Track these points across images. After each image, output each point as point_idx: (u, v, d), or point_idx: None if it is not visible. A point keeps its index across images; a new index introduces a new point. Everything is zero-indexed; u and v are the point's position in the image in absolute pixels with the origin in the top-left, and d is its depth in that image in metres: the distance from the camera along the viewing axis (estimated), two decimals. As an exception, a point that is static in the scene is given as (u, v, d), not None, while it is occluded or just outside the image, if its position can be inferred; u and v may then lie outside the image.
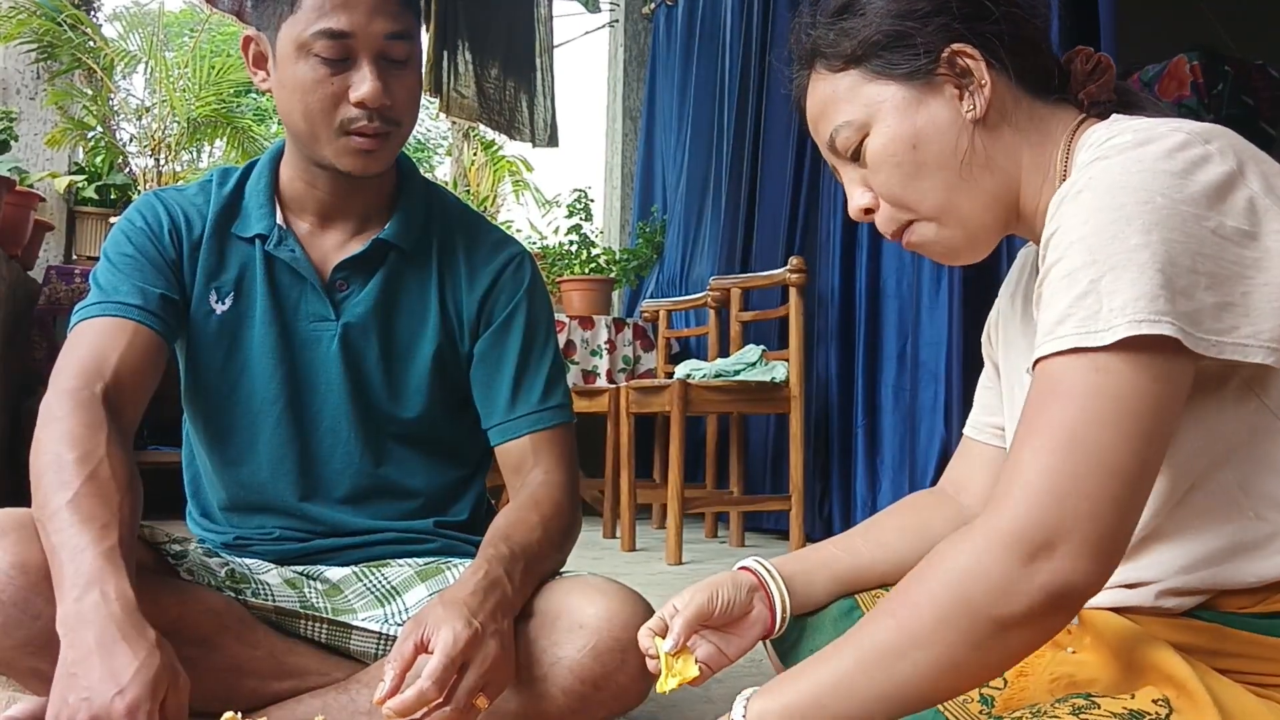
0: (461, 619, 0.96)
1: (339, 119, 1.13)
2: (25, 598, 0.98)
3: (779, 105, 4.04)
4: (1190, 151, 0.74)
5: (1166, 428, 0.71)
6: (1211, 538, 0.79)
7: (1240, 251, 0.72)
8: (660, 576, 2.79)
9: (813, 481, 3.48)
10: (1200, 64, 3.34)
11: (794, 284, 3.20)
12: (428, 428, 1.27)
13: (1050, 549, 0.68)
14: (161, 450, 3.78)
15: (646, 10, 5.44)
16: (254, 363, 1.22)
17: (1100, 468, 0.69)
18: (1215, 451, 0.78)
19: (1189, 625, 0.81)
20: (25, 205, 3.58)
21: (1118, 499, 0.69)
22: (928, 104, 0.88)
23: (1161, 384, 0.70)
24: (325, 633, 1.16)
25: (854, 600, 1.05)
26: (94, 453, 1.01)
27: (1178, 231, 0.70)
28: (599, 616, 1.06)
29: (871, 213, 0.94)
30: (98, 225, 4.15)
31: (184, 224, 1.22)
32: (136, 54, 4.25)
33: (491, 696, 0.98)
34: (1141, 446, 0.70)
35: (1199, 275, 0.70)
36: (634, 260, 4.83)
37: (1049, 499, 0.69)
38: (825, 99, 0.94)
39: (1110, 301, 0.70)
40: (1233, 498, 0.78)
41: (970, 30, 0.87)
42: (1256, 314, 0.72)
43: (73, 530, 0.95)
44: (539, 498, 1.20)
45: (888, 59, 0.89)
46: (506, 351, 1.26)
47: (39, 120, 4.12)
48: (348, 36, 1.11)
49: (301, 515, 1.24)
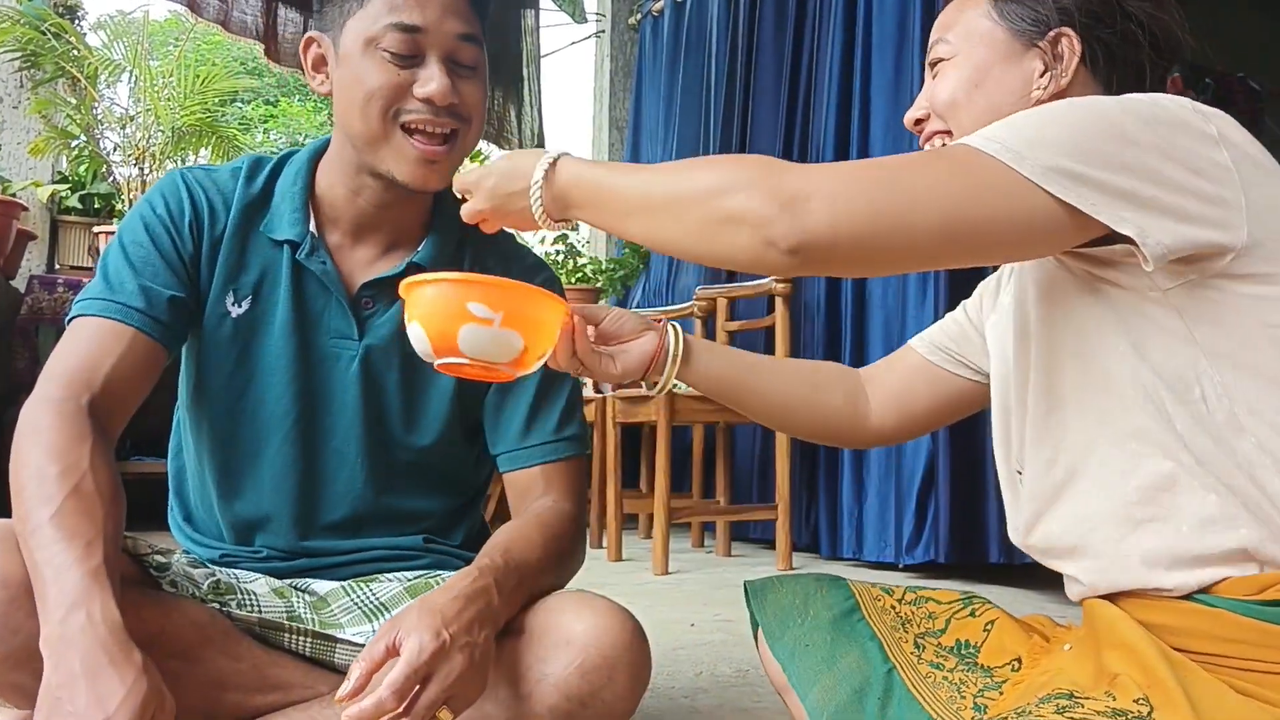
0: (430, 630, 0.94)
1: (403, 116, 1.11)
2: (6, 612, 0.97)
3: (765, 116, 4.06)
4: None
5: (986, 236, 0.80)
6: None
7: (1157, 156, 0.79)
8: (647, 587, 2.78)
9: (799, 491, 3.48)
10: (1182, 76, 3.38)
11: (780, 294, 3.21)
12: (436, 457, 1.25)
13: (804, 201, 0.79)
14: (145, 461, 3.76)
15: (633, 21, 5.46)
16: (267, 372, 1.19)
17: (896, 194, 0.79)
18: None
19: (1192, 609, 0.82)
20: (8, 214, 3.56)
21: (886, 216, 0.78)
22: (1015, 60, 0.97)
23: (1010, 204, 0.78)
24: (310, 646, 1.15)
25: (855, 601, 1.06)
26: (77, 465, 0.99)
27: (1112, 125, 0.79)
28: (586, 633, 1.04)
29: (920, 124, 1.03)
30: (81, 234, 4.13)
31: (207, 215, 1.18)
32: (121, 63, 4.22)
33: (456, 711, 0.95)
34: (950, 219, 0.79)
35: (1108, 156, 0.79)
36: (620, 270, 4.84)
37: (839, 181, 0.79)
38: (953, 13, 1.03)
39: (1031, 150, 0.79)
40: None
41: (1086, 26, 0.95)
42: (1155, 209, 0.79)
43: (56, 547, 0.93)
44: (545, 519, 1.17)
45: (1012, 8, 0.98)
46: (528, 379, 1.23)
47: (22, 129, 4.10)
48: (418, 31, 1.10)
49: (291, 536, 1.21)
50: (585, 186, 0.93)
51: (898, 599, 1.08)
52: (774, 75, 4.06)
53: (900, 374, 1.18)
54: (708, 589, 2.75)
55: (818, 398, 1.16)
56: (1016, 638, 1.00)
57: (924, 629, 1.04)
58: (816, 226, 0.78)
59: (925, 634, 1.04)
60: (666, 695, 1.61)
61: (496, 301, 0.94)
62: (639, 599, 2.51)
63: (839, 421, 1.17)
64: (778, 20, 4.08)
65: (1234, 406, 0.80)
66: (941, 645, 1.02)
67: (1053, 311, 0.91)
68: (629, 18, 5.52)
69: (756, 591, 1.13)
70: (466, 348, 0.95)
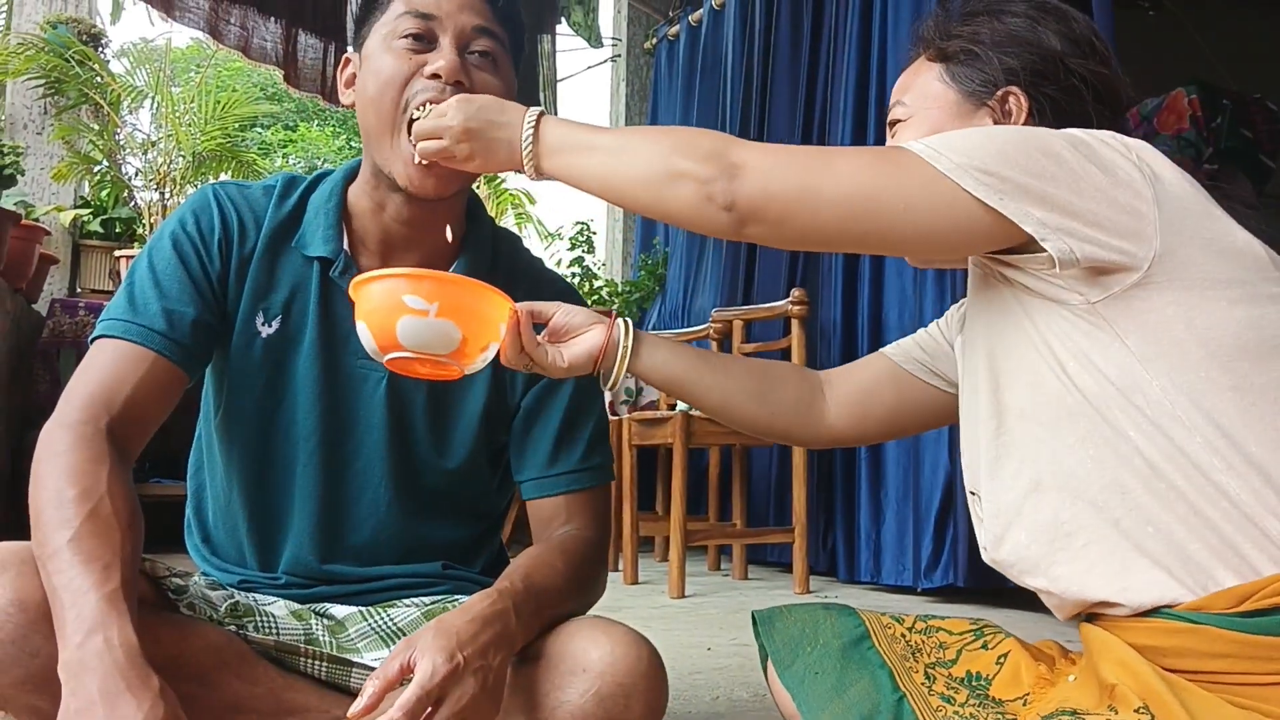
0: (444, 651, 0.94)
1: (410, 97, 1.10)
2: (24, 635, 0.97)
3: (780, 139, 4.07)
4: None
5: (899, 223, 0.88)
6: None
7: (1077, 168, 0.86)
8: (663, 610, 2.77)
9: (816, 514, 3.46)
10: (1199, 98, 3.37)
11: (796, 316, 3.20)
12: (460, 482, 1.24)
13: (742, 168, 0.90)
14: (163, 484, 3.77)
15: (648, 45, 5.50)
16: (297, 392, 1.18)
17: (820, 173, 0.89)
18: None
19: (1175, 628, 0.83)
20: (31, 239, 3.60)
21: (808, 190, 0.88)
22: (967, 119, 1.04)
23: (923, 195, 0.87)
24: (325, 670, 1.15)
25: (865, 629, 1.06)
26: (95, 489, 0.99)
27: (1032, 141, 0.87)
28: (603, 660, 1.03)
29: None
30: (102, 259, 4.17)
31: (237, 233, 1.17)
32: (143, 89, 4.28)
33: None
34: (864, 201, 0.88)
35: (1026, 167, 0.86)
36: (636, 292, 4.85)
37: (776, 156, 0.91)
38: (910, 77, 1.11)
39: (952, 152, 0.87)
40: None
41: (1032, 84, 1.02)
42: (1070, 210, 0.85)
43: (74, 571, 0.93)
44: (568, 547, 1.17)
45: (962, 70, 1.06)
46: (554, 406, 1.23)
47: (46, 155, 4.15)
48: (431, 18, 1.11)
49: (313, 559, 1.20)
50: (561, 131, 1.00)
51: (908, 628, 1.07)
52: (789, 98, 4.07)
53: (864, 378, 1.21)
54: (724, 613, 2.73)
55: (767, 394, 1.19)
56: (1029, 668, 1.00)
57: (935, 659, 1.04)
58: (748, 190, 0.90)
59: (936, 664, 1.03)
60: (683, 720, 1.60)
61: (430, 293, 0.97)
62: (655, 622, 2.50)
63: (788, 419, 1.19)
64: (793, 43, 4.09)
65: (1175, 408, 0.84)
66: (952, 676, 1.02)
67: (994, 329, 0.96)
68: (645, 42, 5.55)
69: (765, 621, 1.12)
70: (405, 339, 0.98)
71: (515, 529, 3.43)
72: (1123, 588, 0.85)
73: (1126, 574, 0.85)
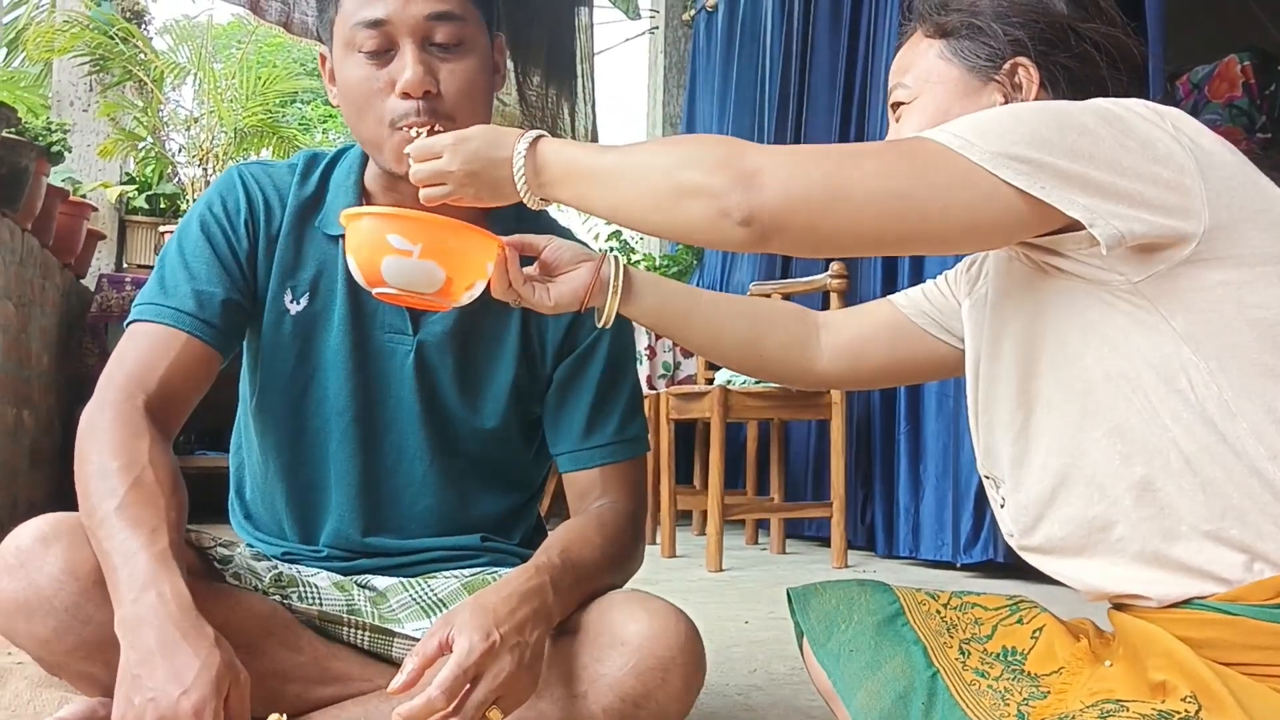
0: (481, 629, 0.95)
1: (389, 116, 1.08)
2: (76, 603, 1.00)
3: (820, 111, 4.02)
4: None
5: (935, 221, 0.82)
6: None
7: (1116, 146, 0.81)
8: (700, 584, 2.78)
9: (855, 488, 3.45)
10: (1252, 64, 3.28)
11: (835, 289, 3.18)
12: (496, 449, 1.25)
13: (758, 176, 0.82)
14: (208, 455, 3.84)
15: (686, 17, 5.45)
16: (327, 367, 1.20)
17: (846, 176, 0.81)
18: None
19: (1212, 620, 0.82)
20: (78, 215, 3.67)
21: (836, 196, 0.81)
22: (974, 96, 0.98)
23: (959, 190, 0.80)
24: (368, 639, 1.17)
25: (900, 605, 1.05)
26: (137, 460, 1.01)
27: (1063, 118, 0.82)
28: (641, 634, 1.03)
29: None
30: (148, 234, 4.23)
31: (263, 213, 1.18)
32: (186, 66, 4.33)
33: (507, 710, 0.96)
34: (897, 201, 0.81)
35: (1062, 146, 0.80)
36: (674, 266, 4.84)
37: (794, 160, 0.84)
38: (908, 55, 1.04)
39: (982, 139, 0.81)
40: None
41: (1041, 54, 0.96)
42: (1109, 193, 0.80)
43: (123, 535, 0.96)
44: (605, 520, 1.17)
45: (964, 45, 0.98)
46: (587, 378, 1.23)
47: (91, 132, 4.21)
48: (384, 24, 1.07)
49: (354, 532, 1.22)
50: (562, 160, 0.95)
51: (943, 604, 1.07)
52: (829, 70, 4.02)
53: (865, 324, 1.18)
54: (762, 586, 2.74)
55: (757, 335, 1.16)
56: (1064, 643, 0.99)
57: (970, 634, 1.03)
58: (768, 201, 0.82)
59: (971, 639, 1.02)
60: (720, 693, 1.61)
61: (414, 234, 0.98)
62: (692, 595, 2.51)
63: (777, 363, 1.18)
64: (833, 14, 4.04)
65: (1222, 393, 0.80)
66: (987, 651, 1.01)
67: (1025, 314, 0.91)
68: (683, 14, 5.50)
69: (800, 598, 1.12)
70: (390, 278, 0.99)
71: (554, 501, 3.46)
72: (1150, 581, 0.84)
73: (1155, 569, 0.83)
